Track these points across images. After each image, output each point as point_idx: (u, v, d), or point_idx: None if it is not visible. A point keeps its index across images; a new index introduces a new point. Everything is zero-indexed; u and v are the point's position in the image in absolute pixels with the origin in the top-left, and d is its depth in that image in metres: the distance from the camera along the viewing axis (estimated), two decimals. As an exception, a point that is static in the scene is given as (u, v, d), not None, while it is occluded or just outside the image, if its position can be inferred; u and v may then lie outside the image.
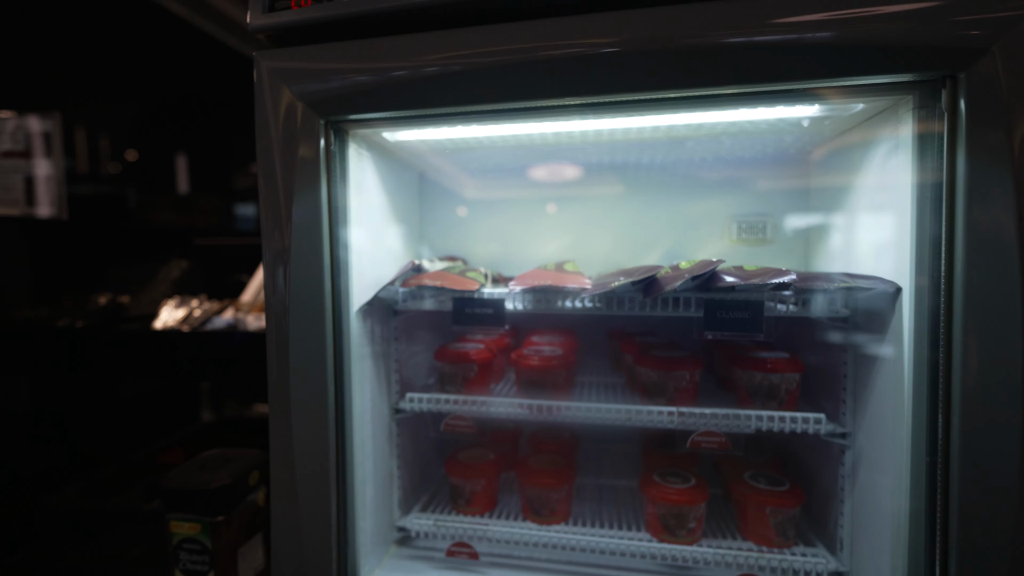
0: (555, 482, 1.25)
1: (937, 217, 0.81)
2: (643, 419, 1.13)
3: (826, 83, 0.84)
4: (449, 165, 1.48)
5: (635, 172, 1.41)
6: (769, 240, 1.34)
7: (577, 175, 1.45)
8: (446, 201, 1.54)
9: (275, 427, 1.01)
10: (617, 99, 0.91)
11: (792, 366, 1.12)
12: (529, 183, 1.48)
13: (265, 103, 0.97)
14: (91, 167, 3.14)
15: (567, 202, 1.46)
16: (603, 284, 1.01)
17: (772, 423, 1.08)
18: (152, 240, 2.84)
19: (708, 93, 0.88)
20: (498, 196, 1.50)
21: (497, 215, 1.51)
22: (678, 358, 1.16)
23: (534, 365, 1.18)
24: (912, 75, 0.81)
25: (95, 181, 3.33)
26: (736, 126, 1.06)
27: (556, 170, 1.46)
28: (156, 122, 3.53)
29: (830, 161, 1.23)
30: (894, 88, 0.85)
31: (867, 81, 0.83)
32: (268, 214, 0.98)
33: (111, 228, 2.63)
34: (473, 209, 1.52)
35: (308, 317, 0.98)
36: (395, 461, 1.31)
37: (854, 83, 0.84)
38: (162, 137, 3.55)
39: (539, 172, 1.46)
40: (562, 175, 1.46)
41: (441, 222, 1.54)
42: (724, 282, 0.99)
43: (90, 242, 2.43)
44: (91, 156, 3.18)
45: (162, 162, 3.58)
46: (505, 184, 1.49)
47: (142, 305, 2.14)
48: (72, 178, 2.99)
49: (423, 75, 0.92)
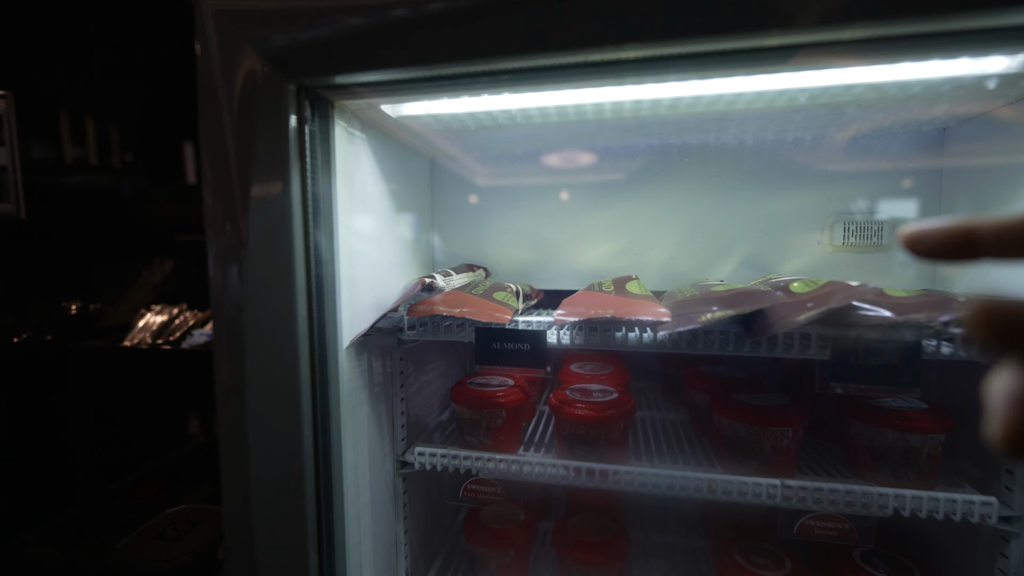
0: (603, 559, 0.98)
1: None
2: (732, 492, 0.84)
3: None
4: (468, 150, 1.18)
5: (708, 156, 1.10)
6: (885, 246, 1.03)
7: (629, 161, 1.14)
8: (464, 195, 1.24)
9: (229, 511, 0.73)
10: (703, 49, 0.60)
11: (938, 424, 0.82)
12: (569, 172, 1.17)
13: (211, 61, 0.68)
14: (98, 157, 2.88)
15: (615, 195, 1.16)
16: (689, 316, 0.72)
17: (918, 504, 0.78)
18: (139, 237, 2.58)
19: (860, 36, 0.58)
20: (529, 188, 1.20)
21: (528, 212, 1.21)
22: (777, 409, 0.86)
23: (582, 416, 0.89)
24: None
25: (86, 172, 3.08)
26: (877, 90, 0.75)
27: (602, 156, 1.15)
28: (162, 106, 3.26)
29: (981, 143, 0.91)
30: None
31: None
32: (216, 233, 0.70)
33: (88, 225, 2.38)
34: (498, 204, 1.23)
35: (275, 359, 0.70)
36: (402, 526, 1.04)
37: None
38: (169, 122, 3.28)
39: (581, 158, 1.16)
40: (610, 162, 1.15)
41: (458, 222, 1.25)
42: (869, 316, 0.68)
43: (65, 241, 2.19)
44: (98, 146, 2.93)
45: (168, 150, 3.31)
46: (539, 173, 1.19)
47: (120, 314, 1.90)
48: (61, 169, 2.74)
49: (431, 11, 0.63)
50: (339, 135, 0.80)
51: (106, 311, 1.88)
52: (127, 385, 1.55)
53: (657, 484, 0.86)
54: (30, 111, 1.96)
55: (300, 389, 0.70)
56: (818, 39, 0.56)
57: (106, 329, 1.75)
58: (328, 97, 0.76)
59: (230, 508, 0.71)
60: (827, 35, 0.56)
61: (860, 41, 0.58)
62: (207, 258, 0.70)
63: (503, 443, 0.96)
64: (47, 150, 2.51)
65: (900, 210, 1.02)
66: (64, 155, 2.98)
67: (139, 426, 1.77)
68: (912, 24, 0.55)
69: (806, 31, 0.55)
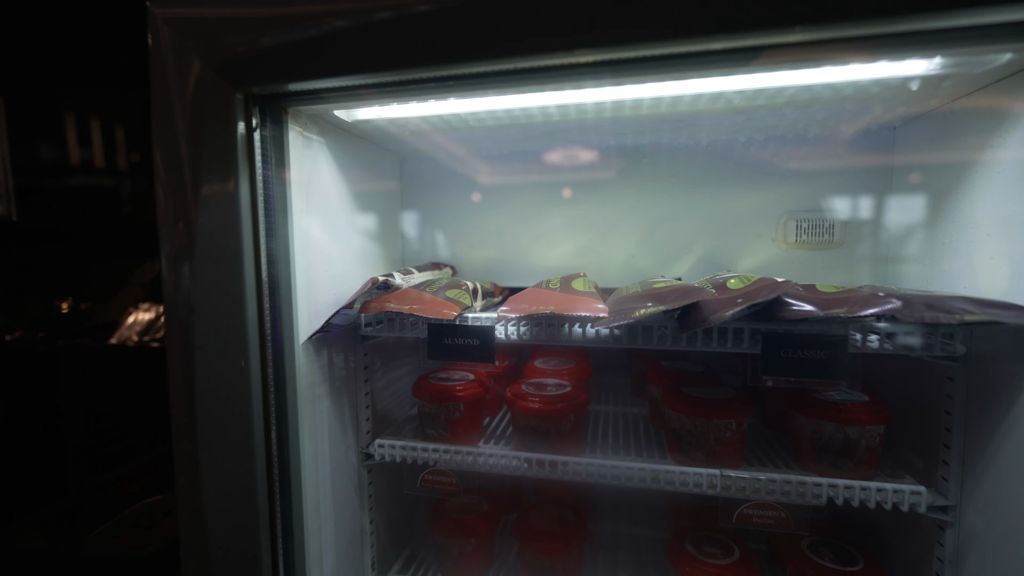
0: (561, 547, 1.01)
1: None
2: (674, 482, 0.86)
3: (958, 19, 0.55)
4: (435, 150, 1.21)
5: (665, 156, 1.13)
6: (837, 243, 1.05)
7: (591, 161, 1.17)
8: (433, 194, 1.28)
9: (182, 500, 0.77)
10: (645, 54, 0.63)
11: (876, 416, 0.84)
12: (533, 171, 1.20)
13: (164, 66, 0.72)
14: (104, 158, 2.92)
15: (580, 194, 1.18)
16: (624, 311, 0.75)
17: (851, 493, 0.81)
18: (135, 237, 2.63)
19: (779, 41, 0.60)
20: (497, 187, 1.23)
21: (495, 211, 1.24)
22: (721, 402, 0.89)
23: (534, 409, 0.92)
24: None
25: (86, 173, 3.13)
26: (809, 92, 0.77)
27: (565, 155, 1.18)
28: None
29: (931, 140, 0.93)
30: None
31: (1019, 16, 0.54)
32: (169, 233, 0.73)
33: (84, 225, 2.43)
34: (466, 203, 1.26)
35: (224, 355, 0.74)
36: (367, 515, 1.07)
37: (998, 19, 0.55)
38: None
39: (545, 158, 1.19)
40: (572, 161, 1.18)
41: (428, 221, 1.28)
42: (794, 311, 0.71)
43: (61, 241, 2.24)
44: (105, 147, 2.97)
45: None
46: (505, 172, 1.22)
47: (111, 312, 1.95)
48: (61, 170, 2.79)
49: (376, 21, 0.66)
50: (294, 139, 0.83)
51: (98, 309, 1.93)
52: (115, 381, 1.60)
53: (604, 475, 0.89)
54: (32, 113, 2.01)
55: (251, 384, 0.74)
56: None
57: (97, 327, 1.80)
58: (281, 103, 0.79)
59: (183, 497, 0.75)
60: (746, 41, 0.58)
61: (781, 46, 0.61)
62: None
63: (462, 435, 1.00)
64: (50, 152, 2.56)
65: (851, 207, 1.04)
66: (68, 156, 3.02)
67: (129, 421, 1.82)
68: (833, 30, 0.58)
69: (734, 37, 0.58)
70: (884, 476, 0.85)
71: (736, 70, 0.69)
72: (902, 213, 0.99)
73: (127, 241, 2.60)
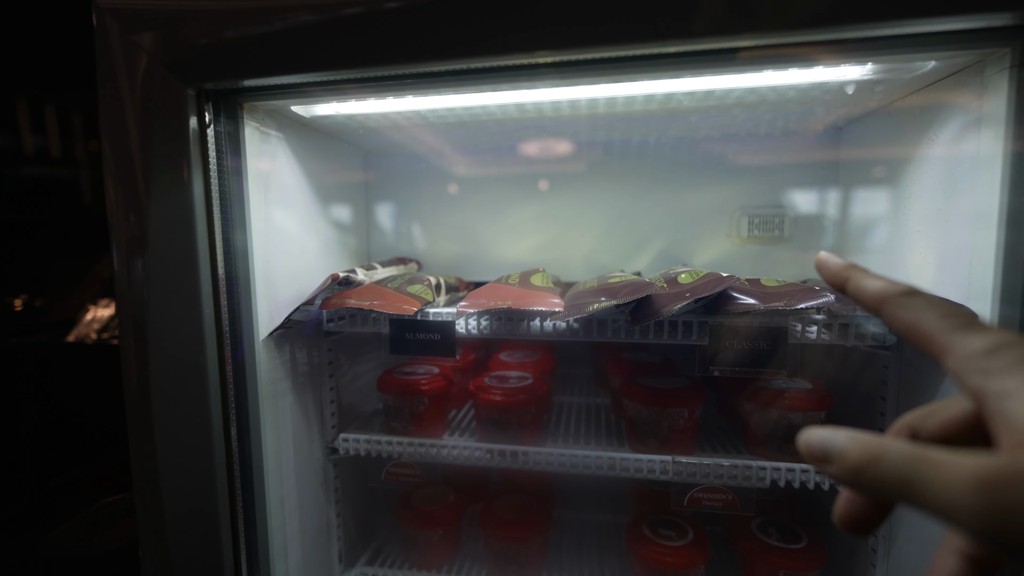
0: (524, 534, 1.04)
1: (1045, 223, 0.57)
2: (629, 469, 0.90)
3: (887, 28, 0.59)
4: (400, 144, 1.21)
5: (623, 154, 1.15)
6: (787, 238, 1.10)
7: (554, 156, 1.19)
8: (399, 189, 1.28)
9: (140, 496, 0.77)
10: (600, 56, 0.65)
11: (818, 402, 0.89)
12: (499, 166, 1.22)
13: (113, 65, 0.71)
14: (61, 149, 2.79)
15: (544, 190, 1.20)
16: (579, 306, 0.77)
17: (793, 476, 0.86)
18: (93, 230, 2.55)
19: (724, 47, 0.63)
20: (462, 182, 1.24)
21: (460, 206, 1.25)
22: (675, 391, 0.93)
23: (495, 401, 0.95)
24: (1014, 16, 0.56)
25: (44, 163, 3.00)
26: (755, 94, 0.81)
27: (530, 151, 1.20)
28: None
29: (870, 140, 0.98)
30: (983, 37, 0.60)
31: (941, 27, 0.58)
32: (119, 225, 0.72)
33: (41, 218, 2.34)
34: (431, 198, 1.26)
35: (179, 352, 0.74)
36: (334, 508, 1.08)
37: (924, 30, 0.59)
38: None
39: (510, 154, 1.20)
40: (537, 157, 1.19)
41: (393, 216, 1.29)
42: (738, 304, 0.75)
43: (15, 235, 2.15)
44: (62, 137, 2.84)
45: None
46: (471, 167, 1.23)
47: (69, 308, 1.89)
48: (18, 161, 2.67)
49: (332, 18, 0.66)
50: (250, 135, 0.83)
51: (55, 306, 1.87)
52: (74, 379, 1.56)
53: (563, 463, 0.92)
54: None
55: (208, 381, 0.74)
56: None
57: (53, 324, 1.75)
58: (236, 99, 0.78)
59: (141, 495, 0.75)
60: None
61: (727, 51, 0.64)
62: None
63: (427, 428, 1.01)
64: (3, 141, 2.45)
65: (801, 203, 1.09)
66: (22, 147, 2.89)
67: (89, 419, 1.78)
68: (774, 37, 0.61)
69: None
70: (825, 459, 0.91)
71: (684, 73, 0.72)
72: (847, 209, 1.05)
73: (85, 235, 2.52)
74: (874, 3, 0.56)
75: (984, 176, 0.64)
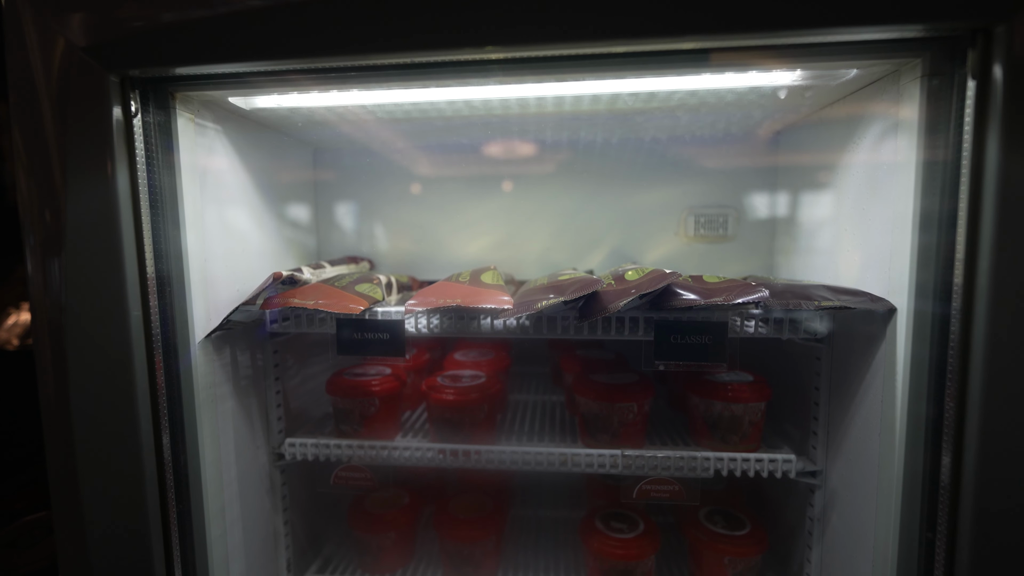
0: (478, 534, 1.03)
1: (952, 220, 0.62)
2: (580, 464, 0.91)
3: (811, 36, 0.62)
4: (350, 140, 1.18)
5: (574, 154, 1.17)
6: (731, 237, 1.14)
7: (510, 157, 1.19)
8: (349, 187, 1.25)
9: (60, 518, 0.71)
10: (542, 54, 0.66)
11: (757, 394, 0.93)
12: (453, 165, 1.21)
13: (25, 46, 0.65)
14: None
15: (496, 189, 1.20)
16: (528, 303, 0.78)
17: (735, 465, 0.89)
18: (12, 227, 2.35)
19: (663, 48, 0.65)
20: (416, 180, 1.22)
21: (413, 204, 1.23)
22: (624, 387, 0.95)
23: (448, 400, 0.94)
24: (924, 28, 0.60)
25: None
26: (696, 97, 0.83)
27: (484, 150, 1.19)
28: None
29: (805, 145, 1.03)
30: (897, 48, 0.64)
31: (859, 36, 0.62)
32: (33, 224, 0.67)
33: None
34: (385, 196, 1.24)
35: (102, 358, 0.69)
36: (281, 516, 1.04)
37: (845, 39, 0.63)
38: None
39: (464, 152, 1.19)
40: (491, 155, 1.19)
41: (344, 214, 1.25)
42: (680, 300, 0.77)
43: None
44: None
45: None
46: (424, 165, 1.22)
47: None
48: None
49: (271, 4, 0.63)
50: (184, 127, 0.79)
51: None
52: None
53: (516, 461, 0.93)
54: None
55: (135, 387, 0.70)
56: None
57: (-31, 330, 1.60)
58: (166, 88, 0.74)
59: (60, 512, 0.70)
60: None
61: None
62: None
63: (378, 430, 0.99)
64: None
65: (744, 204, 1.13)
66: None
67: (10, 432, 1.64)
68: (711, 41, 0.63)
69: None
70: (766, 448, 0.95)
71: (628, 73, 0.73)
72: (785, 209, 1.10)
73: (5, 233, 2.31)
74: (801, 11, 0.59)
75: (900, 180, 0.69)
